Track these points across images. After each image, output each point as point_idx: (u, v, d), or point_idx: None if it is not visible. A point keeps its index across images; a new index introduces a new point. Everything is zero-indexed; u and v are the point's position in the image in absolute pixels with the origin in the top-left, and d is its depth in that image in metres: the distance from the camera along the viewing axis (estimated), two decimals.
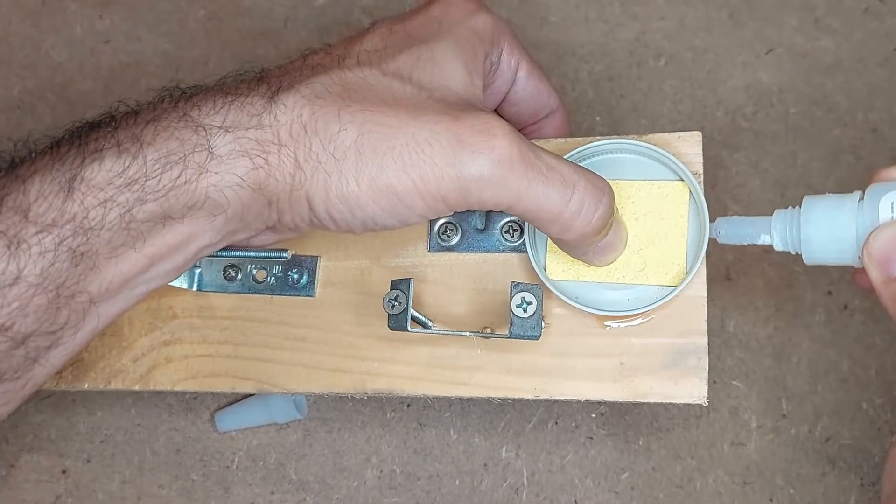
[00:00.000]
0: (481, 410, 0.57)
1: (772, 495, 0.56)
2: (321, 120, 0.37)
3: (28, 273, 0.35)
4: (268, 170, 0.38)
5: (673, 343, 0.43)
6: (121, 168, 0.36)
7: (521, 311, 0.40)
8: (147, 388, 0.49)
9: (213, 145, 0.37)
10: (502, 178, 0.37)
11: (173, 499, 0.56)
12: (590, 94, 0.60)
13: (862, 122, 0.59)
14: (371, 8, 0.61)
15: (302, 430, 0.57)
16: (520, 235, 0.45)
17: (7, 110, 0.60)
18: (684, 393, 0.42)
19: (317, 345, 0.47)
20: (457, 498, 0.56)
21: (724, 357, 0.57)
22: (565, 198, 0.38)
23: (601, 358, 0.43)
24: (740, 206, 0.58)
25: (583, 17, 0.60)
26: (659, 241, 0.43)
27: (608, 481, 0.56)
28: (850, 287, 0.57)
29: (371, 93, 0.38)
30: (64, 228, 0.36)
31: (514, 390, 0.44)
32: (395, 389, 0.45)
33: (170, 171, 0.37)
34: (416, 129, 0.37)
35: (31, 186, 0.36)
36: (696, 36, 0.60)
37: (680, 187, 0.44)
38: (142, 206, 0.37)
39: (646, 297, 0.43)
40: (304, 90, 0.38)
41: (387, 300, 0.42)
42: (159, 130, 0.37)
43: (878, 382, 0.57)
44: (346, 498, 0.56)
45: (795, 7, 0.60)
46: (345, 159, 0.37)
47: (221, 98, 0.38)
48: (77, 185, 0.36)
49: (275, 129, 0.37)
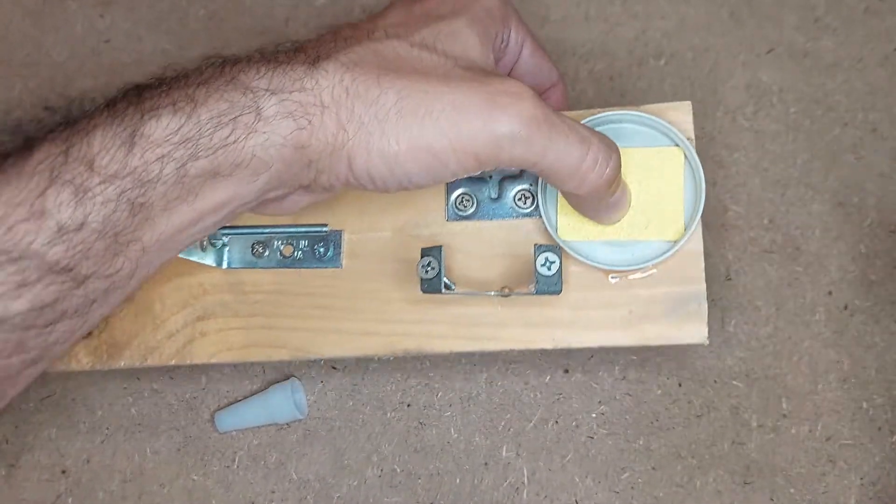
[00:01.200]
0: (482, 409, 0.57)
1: (772, 495, 0.56)
2: (362, 85, 0.40)
3: (92, 220, 0.38)
4: (311, 130, 0.40)
5: (675, 291, 0.47)
6: (176, 126, 0.39)
7: (545, 269, 0.45)
8: (184, 362, 0.51)
9: (261, 107, 0.40)
10: (530, 135, 0.40)
11: (174, 498, 0.56)
12: (590, 93, 0.60)
13: (862, 121, 0.59)
14: (371, 7, 0.61)
15: (302, 429, 0.57)
16: (532, 202, 0.49)
17: (8, 110, 0.60)
18: (687, 335, 0.47)
19: (345, 312, 0.50)
20: (457, 497, 0.56)
21: (725, 356, 0.57)
22: (583, 153, 0.42)
23: (611, 309, 0.47)
24: (740, 206, 0.58)
25: (583, 16, 0.60)
26: (659, 201, 0.48)
27: (608, 480, 0.56)
28: (850, 287, 0.57)
29: (403, 62, 0.41)
30: (125, 180, 0.38)
31: (535, 342, 0.48)
32: (423, 348, 0.49)
33: (221, 130, 0.39)
34: (451, 94, 0.40)
35: (94, 139, 0.38)
36: (696, 35, 0.60)
37: (675, 152, 0.48)
38: (194, 163, 0.39)
39: (648, 251, 0.47)
40: (342, 58, 0.41)
41: (420, 266, 0.46)
42: (210, 92, 0.40)
43: (879, 382, 0.57)
44: (346, 497, 0.56)
45: (795, 6, 0.60)
46: (386, 120, 0.40)
47: (265, 65, 0.40)
48: (137, 139, 0.38)
49: (317, 93, 0.40)
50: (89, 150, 0.38)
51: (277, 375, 0.57)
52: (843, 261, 0.58)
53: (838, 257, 0.58)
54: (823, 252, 0.58)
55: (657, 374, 0.57)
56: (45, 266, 0.37)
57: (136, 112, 0.39)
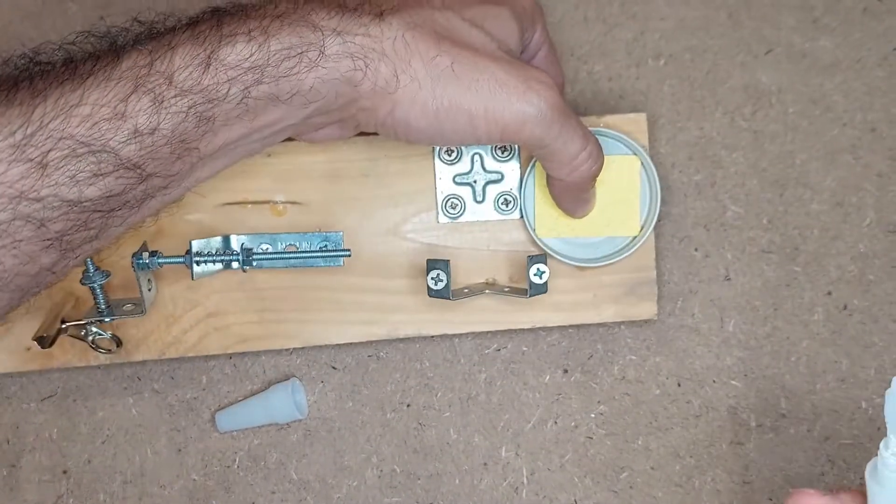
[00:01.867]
0: (481, 410, 0.57)
1: (771, 494, 0.56)
2: (422, 43, 0.45)
3: (164, 126, 0.42)
4: (365, 71, 0.45)
5: (631, 277, 0.55)
6: (248, 54, 0.43)
7: (537, 278, 0.52)
8: (200, 354, 0.55)
9: (326, 45, 0.44)
10: (551, 120, 0.46)
11: (174, 499, 0.56)
12: (588, 94, 0.60)
13: (860, 121, 0.59)
14: None
15: (302, 429, 0.57)
16: (512, 205, 0.55)
17: None
18: (640, 312, 0.55)
19: (349, 305, 0.55)
20: (457, 497, 0.56)
21: (724, 356, 0.57)
22: (583, 145, 0.48)
23: (579, 293, 0.55)
24: (739, 206, 0.58)
25: (582, 17, 0.60)
26: (618, 202, 0.55)
27: (607, 480, 0.56)
28: (849, 287, 0.57)
29: (456, 34, 0.46)
30: (197, 95, 0.43)
31: (516, 323, 0.55)
32: (421, 332, 0.55)
33: (287, 62, 0.44)
34: (495, 70, 0.46)
35: (175, 56, 0.43)
36: (694, 36, 0.60)
37: (632, 160, 0.55)
38: (258, 87, 0.44)
39: (610, 246, 0.55)
40: (405, 17, 0.46)
41: (429, 277, 0.51)
42: (283, 26, 0.44)
43: (877, 382, 0.57)
44: (346, 497, 0.56)
45: (794, 7, 0.60)
46: (438, 79, 0.45)
47: (336, 9, 0.45)
48: (213, 61, 0.43)
49: (380, 40, 0.45)
50: (170, 65, 0.43)
51: (277, 375, 0.57)
52: (841, 261, 0.58)
53: (837, 257, 0.58)
54: (822, 252, 0.58)
55: (656, 375, 0.57)
56: (118, 161, 0.42)
57: (215, 36, 0.43)
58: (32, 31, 0.61)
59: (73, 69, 0.43)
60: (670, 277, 0.58)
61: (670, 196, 0.58)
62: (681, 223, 0.58)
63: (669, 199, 0.58)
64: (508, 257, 0.56)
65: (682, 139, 0.59)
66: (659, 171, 0.58)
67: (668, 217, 0.58)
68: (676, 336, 0.57)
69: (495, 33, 0.48)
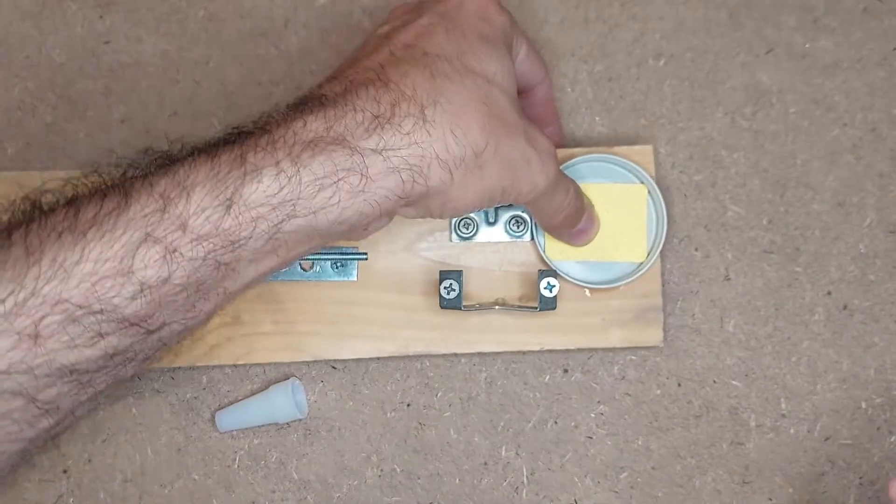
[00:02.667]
0: (481, 410, 0.57)
1: (771, 494, 0.56)
2: (470, 136, 0.43)
3: (176, 277, 0.38)
4: (415, 181, 0.42)
5: (638, 303, 0.56)
6: (277, 188, 0.39)
7: (547, 291, 0.53)
8: (211, 363, 0.56)
9: (368, 166, 0.40)
10: (553, 187, 0.48)
11: (175, 498, 0.56)
12: (589, 94, 0.60)
13: (861, 121, 0.59)
14: (371, 8, 0.61)
15: (303, 429, 0.57)
16: (523, 227, 0.56)
17: (7, 110, 0.60)
18: (647, 338, 0.56)
19: (362, 319, 0.56)
20: (457, 497, 0.56)
21: (724, 356, 0.57)
22: (567, 198, 0.51)
23: (588, 316, 0.56)
24: (740, 207, 0.58)
25: (582, 18, 0.60)
26: (625, 229, 0.56)
27: (608, 480, 0.56)
28: (849, 287, 0.57)
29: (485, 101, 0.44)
30: (216, 240, 0.39)
31: (525, 345, 0.56)
32: (431, 350, 0.56)
33: (323, 192, 0.40)
34: (524, 145, 0.45)
35: (192, 197, 0.38)
36: (695, 36, 0.60)
37: (640, 189, 0.56)
38: (290, 221, 0.40)
39: (618, 271, 0.56)
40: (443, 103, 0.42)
41: (442, 287, 0.53)
42: (316, 153, 0.40)
43: (877, 382, 0.57)
44: (346, 497, 0.56)
45: (794, 7, 0.60)
46: (485, 165, 0.44)
47: (372, 121, 0.41)
48: (236, 201, 0.39)
49: (429, 145, 0.42)
50: (186, 208, 0.38)
51: (278, 375, 0.57)
52: (842, 261, 0.58)
53: (838, 257, 0.58)
54: (823, 252, 0.58)
55: (656, 374, 0.57)
56: (122, 318, 0.38)
57: (238, 170, 0.39)
58: (33, 30, 0.61)
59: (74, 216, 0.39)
60: (670, 277, 0.58)
61: (671, 196, 0.58)
62: (681, 223, 0.58)
63: (670, 200, 0.58)
64: (519, 278, 0.56)
65: (682, 139, 0.59)
66: (659, 171, 0.59)
67: (668, 217, 0.57)
68: (677, 336, 0.57)
69: (507, 85, 0.46)
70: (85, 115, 0.60)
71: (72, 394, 0.39)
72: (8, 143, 0.60)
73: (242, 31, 0.61)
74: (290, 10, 0.61)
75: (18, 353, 0.37)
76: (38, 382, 0.38)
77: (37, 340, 0.37)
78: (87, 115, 0.60)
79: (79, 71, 0.61)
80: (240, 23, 0.61)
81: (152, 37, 0.61)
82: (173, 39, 0.61)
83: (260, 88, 0.60)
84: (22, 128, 0.60)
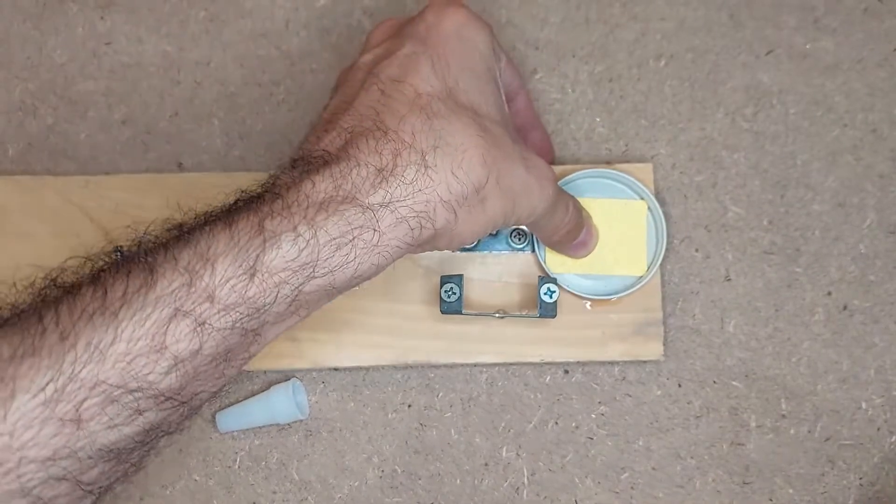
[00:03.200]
0: (482, 411, 0.57)
1: (771, 495, 0.56)
2: (472, 174, 0.43)
3: (207, 347, 0.39)
4: (422, 226, 0.43)
5: (638, 317, 0.56)
6: (296, 253, 0.40)
7: (547, 297, 0.53)
8: None
9: (379, 221, 0.41)
10: (553, 208, 0.49)
11: (176, 499, 0.56)
12: (590, 95, 0.60)
13: (861, 122, 0.59)
14: (372, 9, 0.61)
15: (304, 430, 0.57)
16: (524, 239, 0.57)
17: (8, 112, 0.60)
18: (647, 352, 0.56)
19: (362, 328, 0.57)
20: (458, 497, 0.56)
21: (724, 357, 0.57)
22: (567, 216, 0.51)
23: (588, 329, 0.57)
24: (740, 207, 0.58)
25: (583, 18, 0.60)
26: (625, 243, 0.57)
27: (608, 481, 0.56)
28: (849, 287, 0.57)
29: (481, 133, 0.44)
30: (241, 308, 0.40)
31: (525, 356, 0.56)
32: (431, 360, 0.56)
33: (339, 250, 0.41)
34: (522, 175, 0.45)
35: (217, 267, 0.39)
36: (695, 36, 0.60)
37: (640, 204, 0.57)
38: (310, 282, 0.41)
39: (618, 284, 0.57)
40: (443, 146, 0.43)
41: (443, 291, 0.53)
42: (330, 214, 0.41)
43: (878, 382, 0.57)
44: (347, 498, 0.56)
45: (795, 7, 0.60)
46: (487, 198, 0.44)
47: (376, 174, 0.42)
48: (258, 269, 0.40)
49: (433, 190, 0.42)
50: (211, 280, 0.39)
51: (278, 376, 0.57)
52: (842, 261, 0.58)
53: (838, 258, 0.58)
54: (823, 253, 0.58)
55: (657, 375, 0.57)
56: (158, 393, 0.39)
57: (257, 238, 0.40)
58: (33, 31, 0.61)
59: (102, 296, 0.39)
60: (671, 278, 0.58)
61: (671, 197, 0.58)
62: (681, 224, 0.58)
63: (670, 200, 0.58)
64: (520, 289, 0.57)
65: (683, 140, 0.59)
66: (660, 171, 0.59)
67: (668, 218, 0.58)
68: (677, 337, 0.57)
69: (500, 114, 0.47)
70: (86, 115, 0.60)
71: (112, 472, 0.40)
72: (9, 145, 0.60)
73: (243, 32, 0.61)
74: (291, 10, 0.61)
75: (62, 439, 0.38)
76: (82, 465, 0.38)
77: (79, 425, 0.38)
78: (87, 116, 0.60)
79: (80, 72, 0.61)
80: (240, 23, 0.61)
81: (153, 37, 0.61)
82: (174, 40, 0.61)
83: (260, 89, 0.61)
84: (23, 129, 0.60)
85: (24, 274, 0.42)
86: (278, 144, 0.60)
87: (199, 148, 0.60)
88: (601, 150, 0.59)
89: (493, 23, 0.60)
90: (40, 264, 0.54)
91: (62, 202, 0.57)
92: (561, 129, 0.60)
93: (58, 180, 0.58)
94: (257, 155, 0.60)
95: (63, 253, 0.57)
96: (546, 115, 0.60)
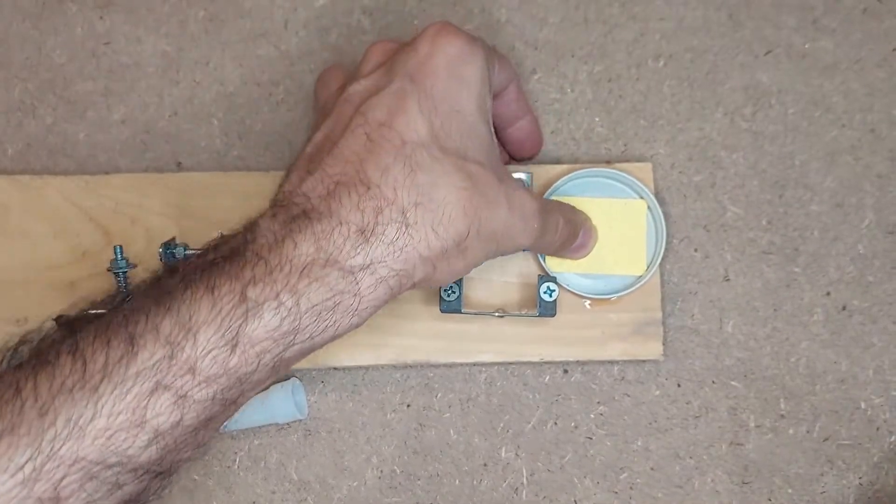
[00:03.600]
0: (481, 411, 0.57)
1: (770, 495, 0.56)
2: (453, 229, 0.43)
3: (187, 419, 0.39)
4: (402, 283, 0.43)
5: (638, 317, 0.56)
6: (278, 322, 0.40)
7: (546, 296, 0.53)
8: None
9: (360, 284, 0.41)
10: (538, 239, 0.49)
11: (175, 499, 0.56)
12: (589, 95, 0.60)
13: (860, 122, 0.59)
14: (371, 9, 0.61)
15: (303, 430, 0.57)
16: None
17: (8, 112, 0.60)
18: (646, 352, 0.56)
19: (362, 327, 0.55)
20: (457, 498, 0.56)
21: (723, 357, 0.57)
22: (556, 235, 0.52)
23: (587, 329, 0.57)
24: (739, 207, 0.58)
25: (582, 18, 0.60)
26: (625, 242, 0.57)
27: (607, 481, 0.56)
28: (848, 287, 0.57)
29: (465, 182, 0.44)
30: (222, 380, 0.39)
31: (524, 355, 0.56)
32: (430, 360, 0.56)
33: (320, 316, 0.41)
34: (505, 217, 0.46)
35: (199, 338, 0.39)
36: (694, 36, 0.60)
37: (640, 204, 0.57)
38: (291, 348, 0.41)
39: (617, 284, 0.57)
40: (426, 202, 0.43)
41: (443, 290, 0.53)
42: (312, 280, 0.41)
43: (876, 382, 0.57)
44: (346, 498, 0.56)
45: (794, 7, 0.60)
46: (467, 249, 0.44)
47: (357, 234, 0.42)
48: (240, 340, 0.39)
49: (413, 248, 0.42)
50: (193, 351, 0.39)
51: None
52: (841, 262, 0.58)
53: (836, 258, 0.58)
54: (822, 253, 0.58)
55: (656, 375, 0.57)
56: (137, 466, 0.39)
57: (241, 306, 0.39)
58: (32, 31, 0.61)
59: (82, 368, 0.38)
60: (670, 278, 0.58)
61: (670, 197, 0.58)
62: (680, 224, 0.58)
63: (669, 200, 0.58)
64: (520, 289, 0.57)
65: (681, 140, 0.59)
66: (659, 171, 0.59)
67: (668, 218, 0.58)
68: (676, 337, 0.57)
69: (482, 155, 0.46)
70: (85, 115, 0.60)
71: None
72: (8, 144, 0.60)
73: (242, 32, 0.61)
74: (290, 10, 0.61)
75: None
76: None
77: (58, 503, 0.37)
78: (87, 116, 0.60)
79: (79, 72, 0.61)
80: (240, 23, 0.61)
81: (152, 37, 0.61)
82: (173, 40, 0.61)
83: (259, 89, 0.61)
84: (22, 129, 0.60)
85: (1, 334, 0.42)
86: (277, 144, 0.60)
87: (198, 147, 0.60)
88: (600, 150, 0.59)
89: (493, 22, 0.60)
90: (40, 264, 0.54)
91: (62, 201, 0.57)
92: (560, 128, 0.60)
93: (57, 179, 0.58)
94: (256, 154, 0.60)
95: (63, 252, 0.57)
96: (545, 115, 0.60)
